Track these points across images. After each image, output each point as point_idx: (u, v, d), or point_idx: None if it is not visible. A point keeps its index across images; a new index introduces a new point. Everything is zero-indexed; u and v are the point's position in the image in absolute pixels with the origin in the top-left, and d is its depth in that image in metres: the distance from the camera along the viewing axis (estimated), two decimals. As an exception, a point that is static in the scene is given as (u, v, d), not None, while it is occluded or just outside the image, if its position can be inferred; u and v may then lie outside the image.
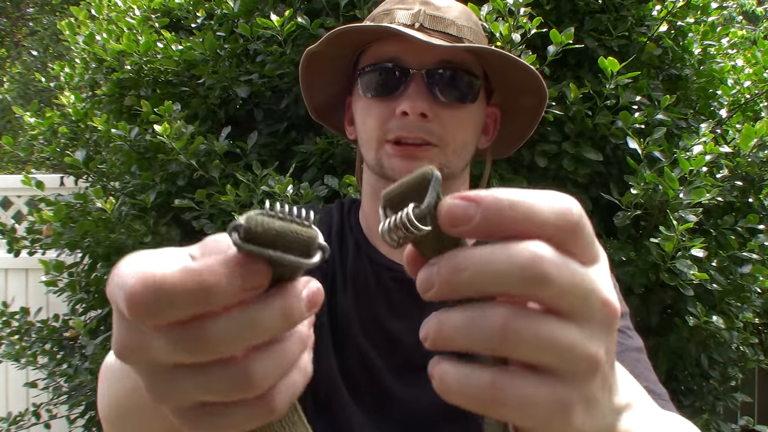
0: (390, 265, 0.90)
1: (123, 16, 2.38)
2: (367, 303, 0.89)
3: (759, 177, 2.14)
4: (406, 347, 0.85)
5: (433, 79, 0.81)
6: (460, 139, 0.84)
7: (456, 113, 0.83)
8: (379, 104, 0.84)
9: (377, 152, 0.85)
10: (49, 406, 2.60)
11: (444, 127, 0.82)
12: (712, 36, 2.27)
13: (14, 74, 9.55)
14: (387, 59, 0.83)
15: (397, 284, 0.88)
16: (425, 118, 0.81)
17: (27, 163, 6.81)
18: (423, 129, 0.81)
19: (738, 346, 2.21)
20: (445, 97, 0.82)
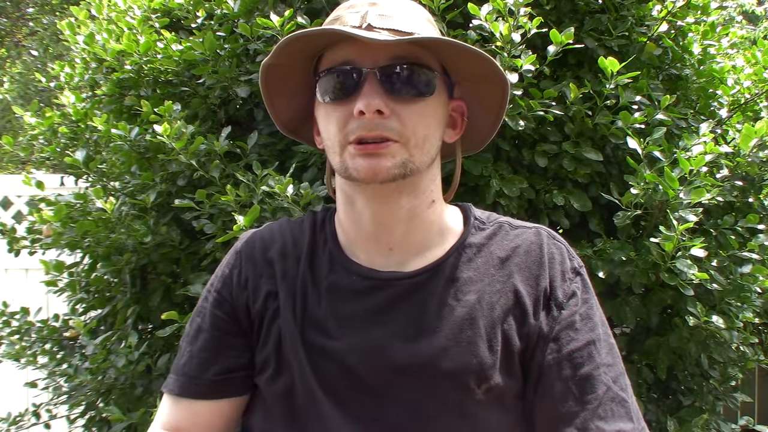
0: (367, 273, 0.91)
1: (123, 16, 2.38)
2: (345, 313, 0.89)
3: (759, 177, 2.14)
4: (388, 351, 0.86)
5: (386, 76, 0.82)
6: (421, 133, 0.84)
7: (413, 107, 0.83)
8: (337, 108, 0.85)
9: (341, 156, 0.85)
10: (49, 406, 2.60)
11: (403, 122, 0.82)
12: (712, 36, 2.27)
13: (14, 74, 9.55)
14: (340, 62, 0.84)
15: (374, 292, 0.89)
16: (382, 115, 0.81)
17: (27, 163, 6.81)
18: (381, 126, 0.81)
19: (738, 346, 2.21)
20: (401, 92, 0.82)
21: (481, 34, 1.89)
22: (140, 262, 2.22)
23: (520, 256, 0.91)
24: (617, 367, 0.88)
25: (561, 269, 0.91)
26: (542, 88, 1.94)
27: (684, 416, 2.10)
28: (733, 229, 2.06)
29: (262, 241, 0.99)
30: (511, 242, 0.93)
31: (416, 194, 0.89)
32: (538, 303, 0.89)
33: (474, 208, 1.00)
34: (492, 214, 0.99)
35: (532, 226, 0.96)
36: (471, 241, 0.93)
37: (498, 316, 0.87)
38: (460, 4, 1.86)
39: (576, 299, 0.90)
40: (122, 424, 2.05)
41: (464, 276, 0.90)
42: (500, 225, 0.96)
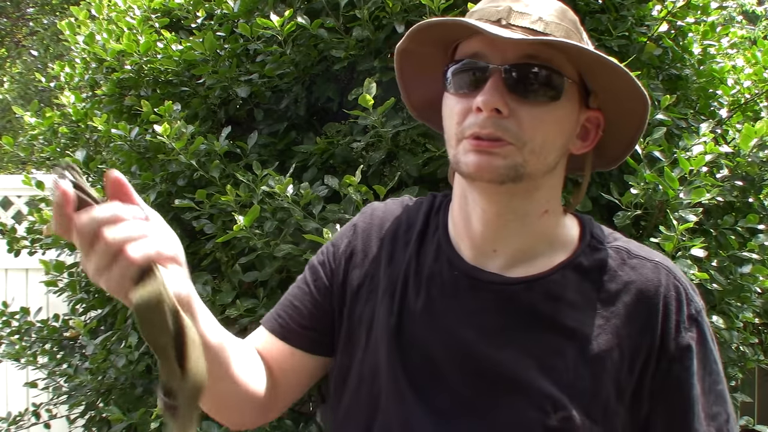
0: (469, 271, 0.89)
1: (123, 16, 2.38)
2: (440, 307, 0.88)
3: (759, 177, 2.14)
4: (476, 355, 0.85)
5: (511, 75, 0.79)
6: (539, 139, 0.80)
7: (535, 111, 0.80)
8: (460, 100, 0.83)
9: (456, 148, 0.83)
10: (49, 406, 2.60)
11: (521, 125, 0.79)
12: (712, 36, 2.27)
13: (14, 74, 9.55)
14: (470, 55, 0.82)
15: (473, 292, 0.87)
16: (500, 115, 0.79)
17: (27, 163, 6.81)
18: (497, 125, 0.79)
19: (738, 346, 2.21)
20: (524, 93, 0.79)
21: (481, 34, 1.89)
22: (140, 262, 2.22)
23: (632, 295, 0.84)
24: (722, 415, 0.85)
25: (678, 317, 0.83)
26: (542, 88, 1.94)
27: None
28: (733, 229, 2.06)
29: (379, 220, 0.98)
30: (626, 275, 0.86)
31: (529, 200, 0.86)
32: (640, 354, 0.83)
33: (594, 223, 0.93)
34: (612, 234, 0.92)
35: (652, 258, 0.87)
36: (582, 261, 0.87)
37: (591, 353, 0.82)
38: (460, 4, 1.86)
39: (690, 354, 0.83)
40: (122, 424, 2.05)
41: (566, 298, 0.85)
42: (618, 250, 0.88)
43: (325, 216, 1.86)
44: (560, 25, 0.82)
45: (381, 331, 0.89)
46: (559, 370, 0.82)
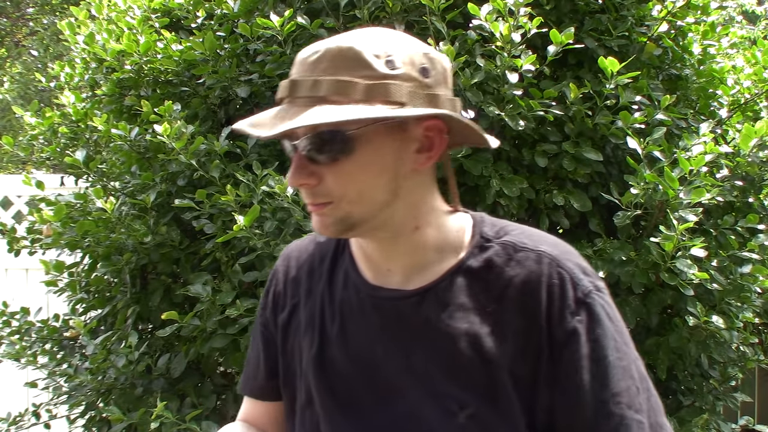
0: (371, 292, 0.94)
1: (123, 16, 2.38)
2: (352, 329, 0.94)
3: (759, 177, 2.14)
4: (385, 370, 0.91)
5: (304, 148, 0.84)
6: (353, 190, 0.85)
7: (337, 170, 0.84)
8: None
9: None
10: (49, 406, 2.60)
11: (331, 186, 0.85)
12: (712, 36, 2.27)
13: (14, 74, 9.55)
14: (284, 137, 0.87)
15: (377, 310, 0.93)
16: (310, 185, 0.85)
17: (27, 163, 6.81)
18: (313, 194, 0.86)
19: (738, 346, 2.21)
20: (320, 158, 0.84)
21: (481, 34, 1.89)
22: (140, 262, 2.22)
23: (518, 289, 0.87)
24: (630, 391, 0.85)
25: (561, 306, 0.86)
26: (542, 88, 1.94)
27: (684, 416, 2.10)
28: (733, 229, 2.06)
29: (295, 260, 1.05)
30: (512, 270, 0.88)
31: (388, 229, 0.89)
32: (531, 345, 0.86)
33: (486, 221, 0.96)
34: (503, 228, 0.94)
35: (537, 248, 0.90)
36: (470, 263, 0.90)
37: (486, 350, 0.86)
38: (460, 4, 1.86)
39: (576, 338, 0.85)
40: (122, 424, 2.05)
41: (457, 302, 0.89)
42: (505, 246, 0.91)
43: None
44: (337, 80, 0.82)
45: (307, 361, 0.97)
46: (459, 372, 0.87)
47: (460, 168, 1.93)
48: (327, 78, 0.82)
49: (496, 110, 1.86)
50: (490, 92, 1.93)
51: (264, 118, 0.84)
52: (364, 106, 0.80)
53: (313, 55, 0.84)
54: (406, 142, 0.86)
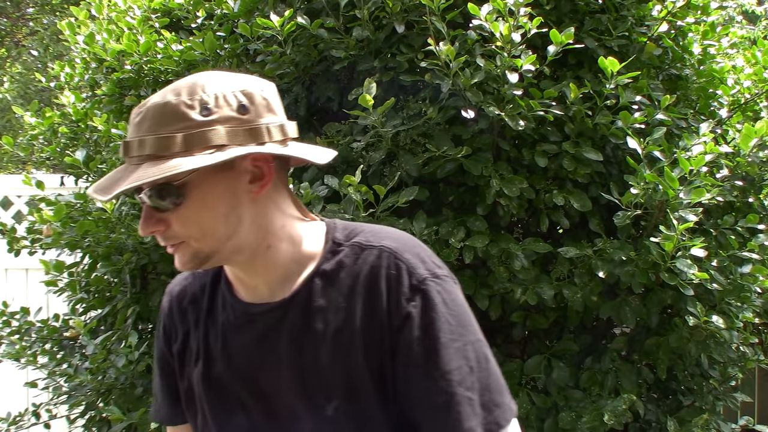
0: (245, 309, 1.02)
1: (123, 16, 2.38)
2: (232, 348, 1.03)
3: (759, 177, 2.14)
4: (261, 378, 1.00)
5: (147, 200, 0.92)
6: (196, 231, 0.93)
7: (178, 214, 0.92)
8: None
9: None
10: (49, 406, 2.60)
11: (177, 228, 0.93)
12: (712, 36, 2.27)
13: (14, 74, 9.55)
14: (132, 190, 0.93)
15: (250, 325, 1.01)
16: (159, 232, 0.94)
17: (27, 163, 6.81)
18: (165, 238, 0.95)
19: (738, 346, 2.21)
20: (162, 207, 0.92)
21: (481, 34, 1.89)
22: (140, 262, 2.22)
23: (363, 285, 0.96)
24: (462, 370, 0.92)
25: (397, 294, 0.93)
26: (542, 88, 1.94)
27: (684, 416, 2.10)
28: (733, 229, 2.06)
29: (178, 294, 1.13)
30: (358, 268, 0.97)
31: (242, 253, 0.97)
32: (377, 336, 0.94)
33: (338, 226, 1.03)
34: (353, 231, 1.02)
35: (379, 244, 0.98)
36: (325, 268, 0.99)
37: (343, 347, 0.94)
38: (460, 4, 1.86)
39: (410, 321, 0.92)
40: (122, 424, 2.05)
41: (316, 305, 0.97)
42: (353, 246, 0.99)
43: (325, 216, 1.86)
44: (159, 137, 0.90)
45: (197, 382, 1.06)
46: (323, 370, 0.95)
47: (460, 168, 1.93)
48: (149, 137, 0.90)
49: (496, 110, 1.86)
50: (490, 92, 1.93)
51: (107, 182, 0.92)
52: (184, 158, 0.87)
53: (138, 116, 0.93)
54: (236, 177, 0.94)
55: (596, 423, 1.85)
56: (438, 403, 0.90)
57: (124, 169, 0.92)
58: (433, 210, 2.03)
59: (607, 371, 1.99)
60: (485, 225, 1.95)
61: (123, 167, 0.93)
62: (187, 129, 0.89)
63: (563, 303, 1.95)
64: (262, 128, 0.92)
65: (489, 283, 1.95)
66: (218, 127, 0.89)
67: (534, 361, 2.01)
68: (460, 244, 1.88)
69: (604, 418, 1.84)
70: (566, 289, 1.92)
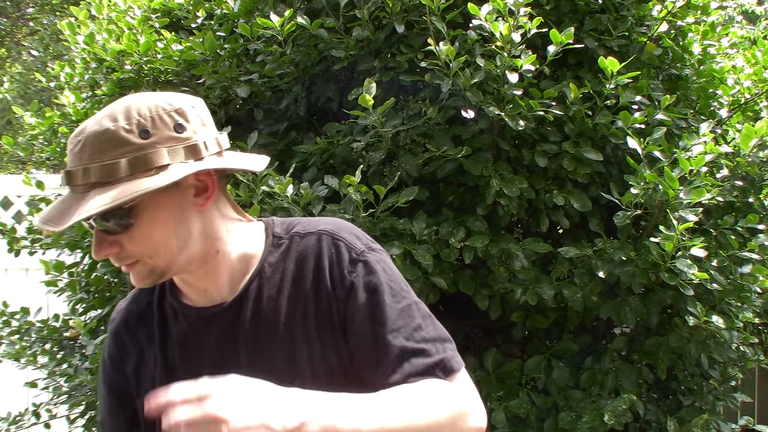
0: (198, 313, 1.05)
1: (123, 16, 2.38)
2: (189, 352, 1.05)
3: (759, 177, 2.14)
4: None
5: (98, 226, 0.95)
6: (148, 248, 0.96)
7: (129, 235, 0.95)
8: None
9: None
10: (49, 406, 2.60)
11: (130, 249, 0.96)
12: (712, 36, 2.27)
13: (14, 74, 9.55)
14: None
15: (206, 328, 1.04)
16: (114, 253, 0.96)
17: (27, 163, 6.81)
18: (120, 259, 0.97)
19: (738, 346, 2.21)
20: (113, 230, 0.95)
21: (481, 34, 1.89)
22: (140, 262, 2.22)
23: (309, 268, 1.02)
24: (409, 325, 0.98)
25: (339, 268, 1.00)
26: (542, 88, 1.94)
27: (684, 416, 2.10)
28: (733, 229, 2.06)
29: (122, 318, 1.13)
30: (301, 254, 1.03)
31: (193, 262, 1.00)
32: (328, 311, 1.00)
33: (276, 222, 1.09)
34: (290, 224, 1.08)
35: (316, 229, 1.05)
36: (269, 260, 1.04)
37: (297, 326, 1.00)
38: (460, 4, 1.86)
39: (354, 290, 0.99)
40: (122, 424, 2.04)
41: (266, 296, 1.02)
42: (292, 237, 1.05)
43: (325, 216, 1.86)
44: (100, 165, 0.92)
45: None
46: (282, 355, 1.00)
47: (460, 168, 1.93)
48: (93, 165, 0.92)
49: (496, 110, 1.86)
50: (490, 92, 1.93)
51: (54, 212, 0.94)
52: (130, 182, 0.90)
53: (77, 145, 0.94)
54: (182, 193, 0.98)
55: (596, 423, 1.85)
56: (389, 357, 0.95)
57: (69, 198, 0.94)
58: (433, 210, 2.02)
59: (607, 371, 1.99)
60: (485, 225, 1.95)
61: (68, 196, 0.95)
62: (130, 153, 0.91)
63: (563, 303, 1.95)
64: (200, 144, 0.96)
65: (489, 283, 1.95)
66: (160, 149, 0.92)
67: (534, 361, 2.01)
68: (460, 244, 1.88)
69: (604, 418, 1.84)
70: (566, 289, 1.92)
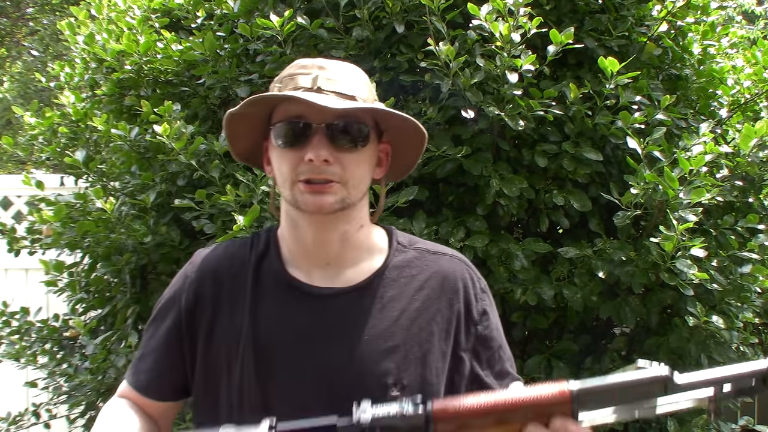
0: (306, 289, 1.07)
1: (123, 16, 2.38)
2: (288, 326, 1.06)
3: (759, 177, 2.14)
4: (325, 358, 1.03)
5: (331, 131, 1.02)
6: (357, 176, 1.05)
7: (352, 156, 1.03)
8: (290, 152, 1.04)
9: (291, 190, 1.04)
10: (49, 406, 2.60)
11: (343, 168, 1.03)
12: (712, 36, 2.27)
13: (14, 74, 9.55)
14: (294, 116, 1.03)
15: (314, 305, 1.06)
16: (327, 163, 1.01)
17: (27, 163, 6.81)
18: (327, 171, 1.02)
19: (738, 346, 2.21)
20: (342, 144, 1.02)
21: (481, 34, 1.89)
22: (140, 262, 2.22)
23: (437, 281, 1.10)
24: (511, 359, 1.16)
25: (474, 292, 1.13)
26: (542, 88, 1.94)
27: (684, 416, 2.10)
28: (733, 229, 2.06)
29: (209, 263, 1.14)
30: (429, 268, 1.12)
31: (349, 221, 1.08)
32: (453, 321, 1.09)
33: (397, 232, 1.17)
34: (413, 239, 1.17)
35: (447, 252, 1.16)
36: (395, 262, 1.11)
37: (415, 331, 1.06)
38: (460, 4, 1.86)
39: (487, 316, 1.13)
40: (122, 424, 2.04)
41: (388, 294, 1.08)
42: (419, 250, 1.14)
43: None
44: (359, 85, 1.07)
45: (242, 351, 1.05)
46: (393, 352, 1.04)
47: (460, 168, 1.93)
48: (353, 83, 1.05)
49: (496, 110, 1.86)
50: (490, 92, 1.93)
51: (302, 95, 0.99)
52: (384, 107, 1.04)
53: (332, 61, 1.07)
54: (375, 153, 1.10)
55: (596, 423, 1.85)
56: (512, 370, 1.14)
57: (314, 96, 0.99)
58: (433, 210, 2.03)
59: (607, 371, 1.99)
60: (485, 225, 1.95)
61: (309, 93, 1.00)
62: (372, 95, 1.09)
63: (563, 303, 1.95)
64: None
65: (489, 283, 1.95)
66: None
67: (534, 361, 2.00)
68: (460, 244, 1.88)
69: (604, 418, 1.83)
70: (566, 289, 1.92)
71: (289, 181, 1.04)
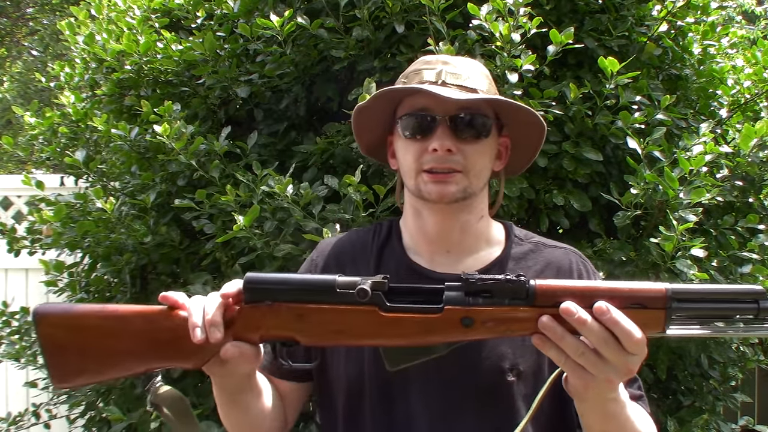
0: (428, 274, 1.12)
1: (123, 16, 2.38)
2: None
3: (759, 177, 2.14)
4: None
5: (455, 123, 1.07)
6: (479, 166, 1.10)
7: (474, 147, 1.08)
8: (415, 143, 1.10)
9: (416, 180, 1.10)
10: (49, 406, 2.60)
11: (466, 158, 1.08)
12: (712, 36, 2.27)
13: (14, 74, 9.55)
14: (420, 109, 1.09)
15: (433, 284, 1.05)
16: (450, 153, 1.06)
17: (27, 163, 6.81)
18: (450, 161, 1.07)
19: (738, 346, 2.21)
20: (465, 135, 1.08)
21: (481, 34, 1.89)
22: (140, 262, 2.22)
23: (552, 271, 1.14)
24: None
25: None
26: (542, 88, 1.94)
27: (684, 416, 2.10)
28: (733, 229, 2.06)
29: (334, 251, 1.20)
30: (545, 259, 1.16)
31: (470, 210, 1.13)
32: None
33: (514, 226, 1.22)
34: (529, 233, 1.21)
35: (561, 246, 1.20)
36: (513, 254, 1.16)
37: None
38: (460, 4, 1.86)
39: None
40: (122, 424, 2.05)
41: None
42: (535, 243, 1.19)
43: (324, 216, 1.86)
44: (481, 79, 1.12)
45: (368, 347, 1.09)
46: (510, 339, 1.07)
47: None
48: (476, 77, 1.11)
49: (496, 110, 1.86)
50: (490, 92, 1.92)
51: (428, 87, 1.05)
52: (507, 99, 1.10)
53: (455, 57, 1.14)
54: (495, 146, 1.14)
55: (596, 423, 1.85)
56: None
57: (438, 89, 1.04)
58: (433, 210, 2.02)
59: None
60: (485, 225, 1.94)
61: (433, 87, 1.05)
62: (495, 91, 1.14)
63: (563, 303, 1.95)
64: None
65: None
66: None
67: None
68: (460, 244, 1.88)
69: (604, 418, 1.83)
70: (566, 289, 1.92)
71: (414, 171, 1.10)
